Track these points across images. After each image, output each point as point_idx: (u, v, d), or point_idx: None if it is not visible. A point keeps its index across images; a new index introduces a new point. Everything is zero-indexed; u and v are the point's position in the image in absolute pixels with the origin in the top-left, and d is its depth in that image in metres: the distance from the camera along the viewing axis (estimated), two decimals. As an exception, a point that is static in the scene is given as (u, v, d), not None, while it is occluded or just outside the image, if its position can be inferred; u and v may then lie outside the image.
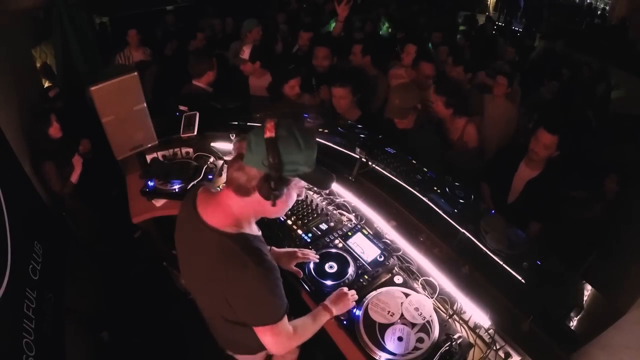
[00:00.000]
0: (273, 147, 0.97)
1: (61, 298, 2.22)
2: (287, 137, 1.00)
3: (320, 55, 3.19)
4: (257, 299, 1.10)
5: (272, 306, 1.13)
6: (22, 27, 3.48)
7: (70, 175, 2.73)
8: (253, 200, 1.07)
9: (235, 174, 1.06)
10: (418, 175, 1.99)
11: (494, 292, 1.49)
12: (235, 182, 1.06)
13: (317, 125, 2.51)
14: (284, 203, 1.11)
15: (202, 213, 1.13)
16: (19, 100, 2.81)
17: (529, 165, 2.38)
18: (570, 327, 1.37)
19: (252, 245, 1.11)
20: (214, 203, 1.14)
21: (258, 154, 0.99)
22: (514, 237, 1.63)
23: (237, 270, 1.07)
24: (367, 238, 1.84)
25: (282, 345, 1.23)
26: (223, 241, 1.09)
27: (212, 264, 1.12)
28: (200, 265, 1.18)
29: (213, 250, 1.10)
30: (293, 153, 1.01)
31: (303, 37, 3.67)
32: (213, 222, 1.11)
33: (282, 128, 1.00)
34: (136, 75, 2.17)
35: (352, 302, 1.52)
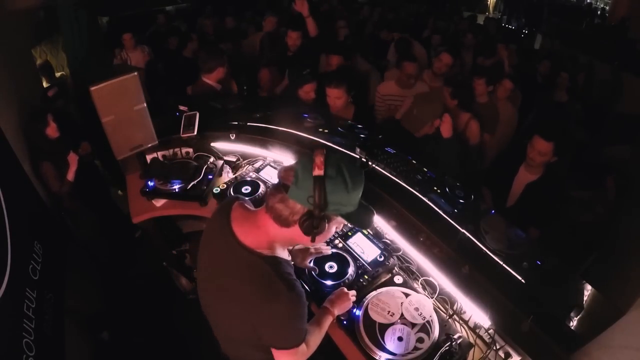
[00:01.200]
0: (320, 186, 0.95)
1: (61, 298, 2.22)
2: (335, 177, 0.97)
3: (333, 62, 3.20)
4: (285, 324, 1.09)
5: (297, 331, 1.12)
6: (22, 27, 3.47)
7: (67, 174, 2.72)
8: (293, 232, 1.05)
9: (278, 205, 1.03)
10: (418, 175, 1.99)
11: (494, 292, 1.49)
12: (276, 213, 1.04)
13: (317, 125, 2.51)
14: (323, 238, 1.10)
15: (237, 231, 1.11)
16: (19, 100, 2.81)
17: (528, 169, 2.37)
18: (570, 327, 1.37)
19: (285, 270, 1.09)
20: (250, 223, 1.12)
21: (304, 190, 0.97)
22: (514, 237, 1.63)
23: (269, 294, 1.05)
24: (367, 238, 1.84)
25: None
26: (257, 262, 1.07)
27: (243, 285, 1.09)
28: (227, 284, 1.14)
29: (245, 271, 1.08)
30: (339, 194, 0.98)
31: (292, 37, 3.67)
32: (247, 242, 1.09)
33: (331, 167, 0.97)
34: (136, 75, 2.17)
35: (352, 301, 1.52)
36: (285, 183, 1.02)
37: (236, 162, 2.49)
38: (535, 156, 2.23)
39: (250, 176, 2.32)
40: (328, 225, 1.04)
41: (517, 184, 2.42)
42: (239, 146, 2.53)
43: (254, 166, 2.42)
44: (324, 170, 0.95)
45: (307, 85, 2.80)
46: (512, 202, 2.45)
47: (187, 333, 2.55)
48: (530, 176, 2.37)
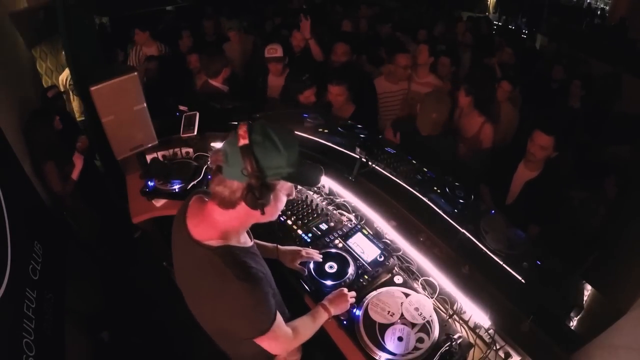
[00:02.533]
0: (249, 154, 0.92)
1: (61, 298, 2.22)
2: (262, 142, 0.94)
3: (340, 51, 3.27)
4: (245, 313, 1.06)
5: (262, 316, 1.09)
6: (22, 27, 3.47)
7: (71, 173, 2.73)
8: (240, 211, 1.03)
9: (217, 188, 1.01)
10: (418, 175, 1.99)
11: (494, 292, 1.49)
12: (219, 197, 1.02)
13: (316, 125, 2.51)
14: (274, 208, 1.07)
15: (190, 225, 1.10)
16: (19, 101, 2.81)
17: (527, 166, 2.37)
18: (570, 327, 1.37)
19: (236, 259, 1.06)
20: (201, 215, 1.10)
21: (235, 165, 0.94)
22: (514, 237, 1.63)
23: (221, 286, 1.04)
24: (367, 238, 1.84)
25: (283, 347, 1.24)
26: (206, 255, 1.05)
27: (200, 280, 1.10)
28: (189, 278, 1.16)
29: (199, 266, 1.07)
30: (272, 156, 0.95)
31: (297, 37, 3.66)
32: (197, 235, 1.08)
33: (255, 133, 0.94)
34: (136, 75, 2.17)
35: (350, 303, 1.52)
36: (218, 165, 0.99)
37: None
38: (536, 150, 2.22)
39: (250, 176, 2.32)
40: (274, 193, 1.02)
41: (516, 181, 2.43)
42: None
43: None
44: (248, 139, 0.93)
45: (307, 90, 2.81)
46: (511, 199, 2.45)
47: (187, 333, 2.55)
48: (530, 173, 2.37)
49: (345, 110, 2.86)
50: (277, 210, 1.10)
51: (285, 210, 2.06)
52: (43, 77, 4.13)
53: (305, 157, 1.05)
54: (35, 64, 3.90)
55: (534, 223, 2.37)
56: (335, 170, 2.20)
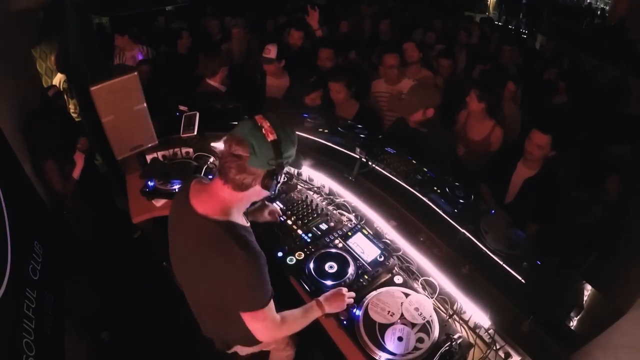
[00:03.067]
0: (277, 148, 1.11)
1: (61, 298, 2.22)
2: (285, 138, 1.13)
3: (323, 56, 3.23)
4: (242, 282, 1.15)
5: (257, 291, 1.18)
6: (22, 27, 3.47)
7: (72, 172, 2.72)
8: (250, 192, 1.18)
9: (239, 176, 1.13)
10: (418, 175, 1.99)
11: (494, 292, 1.49)
12: (237, 182, 1.14)
13: (317, 125, 2.51)
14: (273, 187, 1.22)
15: (194, 202, 1.21)
16: (19, 100, 2.81)
17: (526, 164, 2.39)
18: (570, 327, 1.37)
19: (239, 232, 1.18)
20: (206, 194, 1.21)
21: (264, 157, 1.10)
22: (514, 237, 1.63)
23: (223, 254, 1.14)
24: (367, 238, 1.84)
25: (270, 333, 1.29)
26: (211, 227, 1.16)
27: (201, 250, 1.19)
28: (189, 253, 1.24)
29: (202, 237, 1.17)
30: (290, 150, 1.17)
31: (294, 36, 3.65)
32: (203, 210, 1.18)
33: (278, 129, 1.12)
34: (136, 75, 2.17)
35: (346, 303, 1.53)
36: (239, 154, 1.11)
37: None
38: (533, 149, 2.25)
39: (250, 176, 2.32)
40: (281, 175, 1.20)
41: (515, 180, 2.44)
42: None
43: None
44: (276, 135, 1.11)
45: (314, 92, 2.80)
46: (510, 198, 2.47)
47: (187, 333, 2.55)
48: (528, 172, 2.38)
49: (348, 108, 2.86)
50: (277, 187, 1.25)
51: (285, 210, 2.06)
52: (43, 77, 4.13)
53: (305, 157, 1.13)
54: (35, 64, 3.90)
55: (532, 221, 2.38)
56: (335, 170, 2.20)
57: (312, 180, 2.32)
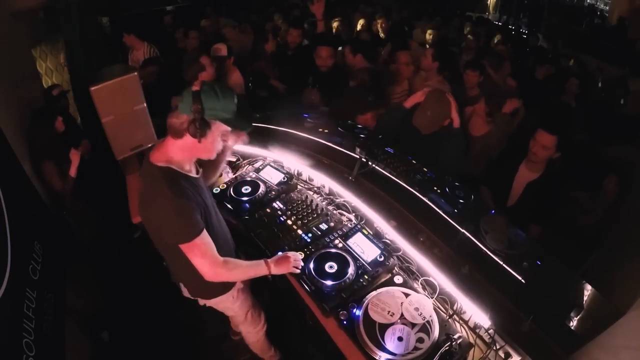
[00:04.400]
0: (196, 96, 1.28)
1: (61, 298, 2.22)
2: (208, 90, 1.30)
3: (323, 54, 3.16)
4: (168, 218, 1.35)
5: (181, 227, 1.36)
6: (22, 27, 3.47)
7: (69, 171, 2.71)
8: (185, 142, 1.36)
9: (171, 120, 1.34)
10: (418, 175, 1.99)
11: (494, 292, 1.49)
12: (172, 127, 1.35)
13: (317, 125, 2.51)
14: (211, 144, 1.40)
15: (150, 154, 1.43)
16: (18, 100, 2.81)
17: (529, 167, 2.36)
18: (570, 327, 1.37)
19: (173, 177, 1.38)
20: (159, 146, 1.43)
21: (187, 103, 1.29)
22: (514, 237, 1.63)
23: (154, 191, 1.37)
24: (367, 238, 1.84)
25: (212, 268, 1.45)
26: (153, 171, 1.38)
27: (147, 191, 1.42)
28: (142, 200, 1.45)
29: (148, 180, 1.41)
30: (212, 101, 1.30)
31: (292, 34, 3.63)
32: (152, 159, 1.41)
33: (205, 84, 1.31)
34: (136, 75, 2.17)
35: (292, 266, 1.64)
36: (176, 104, 1.32)
37: (236, 162, 2.50)
38: (538, 150, 2.22)
39: (250, 176, 2.32)
40: (211, 130, 1.34)
41: (517, 183, 2.41)
42: (239, 146, 2.52)
43: (254, 166, 2.42)
44: (199, 87, 1.29)
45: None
46: (512, 201, 2.44)
47: (187, 333, 2.55)
48: (531, 175, 2.36)
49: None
50: (213, 147, 1.42)
51: (285, 210, 2.06)
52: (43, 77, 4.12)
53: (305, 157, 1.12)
54: (35, 64, 3.90)
55: (535, 223, 2.36)
56: (335, 170, 2.20)
57: (312, 180, 2.32)
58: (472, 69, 3.33)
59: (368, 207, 1.94)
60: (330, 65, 3.18)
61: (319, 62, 3.18)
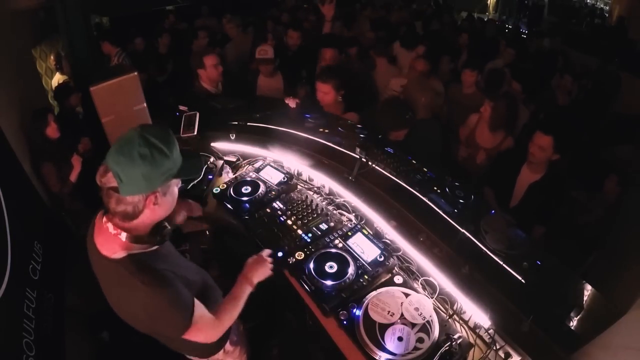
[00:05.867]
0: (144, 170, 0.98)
1: (61, 298, 2.22)
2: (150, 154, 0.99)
3: (327, 56, 3.16)
4: (158, 316, 1.12)
5: (174, 318, 1.14)
6: (22, 27, 3.47)
7: (69, 174, 2.72)
8: (142, 218, 1.09)
9: (119, 207, 1.04)
10: (418, 175, 1.99)
11: (494, 292, 1.49)
12: (121, 214, 1.06)
13: (317, 125, 2.51)
14: (170, 203, 1.15)
15: (97, 242, 1.14)
16: (19, 101, 2.81)
17: (531, 168, 2.37)
18: (570, 327, 1.37)
19: (141, 265, 1.10)
20: (104, 232, 1.13)
21: (133, 183, 1.00)
22: (514, 237, 1.63)
23: (130, 293, 1.10)
24: (367, 238, 1.84)
25: (211, 335, 1.29)
26: (112, 268, 1.10)
27: (113, 292, 1.17)
28: (108, 295, 1.20)
29: (109, 278, 1.14)
30: (163, 164, 1.02)
31: (292, 37, 3.62)
32: (104, 251, 1.12)
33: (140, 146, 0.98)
34: (136, 75, 2.17)
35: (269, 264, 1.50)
36: (111, 187, 1.02)
37: (236, 162, 2.49)
38: (535, 151, 2.24)
39: (250, 176, 2.32)
40: (169, 190, 1.11)
41: (519, 184, 2.42)
42: (239, 146, 2.53)
43: (254, 166, 2.42)
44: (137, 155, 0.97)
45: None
46: (515, 202, 2.44)
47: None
48: (533, 176, 2.36)
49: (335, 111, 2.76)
50: (173, 203, 1.16)
51: (285, 210, 2.06)
52: (43, 77, 4.13)
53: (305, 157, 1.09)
54: (35, 64, 3.90)
55: (538, 224, 2.37)
56: (335, 170, 2.20)
57: (312, 180, 2.32)
58: (471, 69, 3.35)
59: (368, 207, 1.94)
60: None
61: (323, 63, 3.17)
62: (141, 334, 1.29)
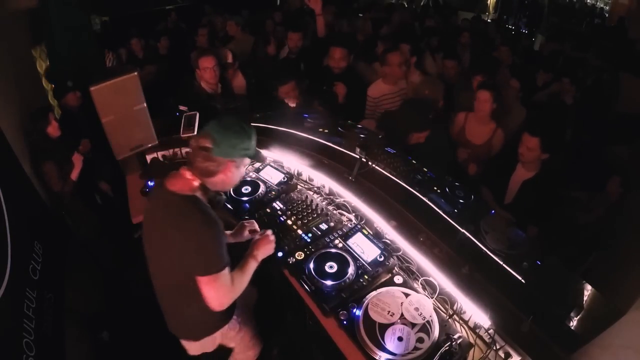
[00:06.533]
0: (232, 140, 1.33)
1: (61, 298, 2.22)
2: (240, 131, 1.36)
3: (336, 55, 3.07)
4: (199, 245, 1.31)
5: (212, 256, 1.33)
6: (22, 27, 3.47)
7: (70, 173, 2.72)
8: (214, 179, 1.37)
9: (204, 163, 1.33)
10: (418, 175, 1.99)
11: (494, 292, 1.49)
12: (204, 170, 1.34)
13: (316, 125, 2.51)
14: (238, 176, 1.45)
15: (168, 184, 1.39)
16: (19, 100, 2.81)
17: (524, 166, 2.41)
18: (570, 327, 1.37)
19: (201, 205, 1.36)
20: (178, 177, 1.40)
21: (224, 147, 1.32)
22: (514, 237, 1.63)
23: (187, 219, 1.31)
24: (367, 238, 1.84)
25: (222, 298, 1.40)
26: (177, 200, 1.35)
27: (167, 221, 1.36)
28: (162, 227, 1.38)
29: (169, 208, 1.36)
30: (245, 142, 1.37)
31: (293, 38, 3.58)
32: (174, 188, 1.37)
33: (236, 125, 1.36)
34: (136, 75, 2.17)
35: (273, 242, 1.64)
36: (202, 146, 1.32)
37: (236, 162, 2.49)
38: (524, 151, 2.31)
39: (250, 176, 2.32)
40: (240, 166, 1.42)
41: (513, 181, 2.46)
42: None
43: (253, 166, 2.42)
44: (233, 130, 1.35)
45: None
46: (509, 199, 2.48)
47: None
48: (527, 174, 2.41)
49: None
50: (238, 178, 1.46)
51: (285, 210, 2.06)
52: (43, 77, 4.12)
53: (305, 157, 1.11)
54: (35, 64, 3.90)
55: (531, 222, 2.38)
56: (335, 170, 2.20)
57: (312, 180, 2.32)
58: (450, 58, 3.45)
59: (368, 207, 1.94)
60: (343, 67, 3.10)
61: (332, 63, 3.08)
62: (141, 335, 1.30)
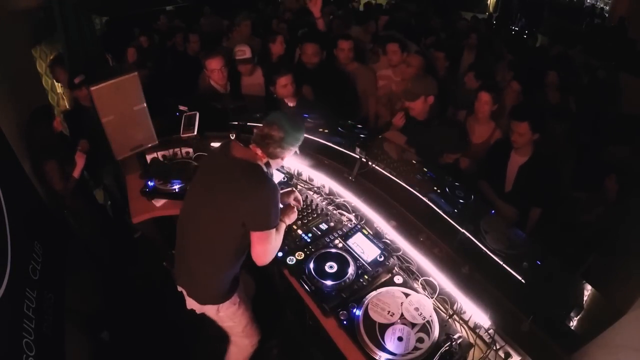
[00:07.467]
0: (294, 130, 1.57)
1: (61, 298, 2.22)
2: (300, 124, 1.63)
3: (309, 51, 3.08)
4: (263, 205, 1.48)
5: (271, 215, 1.51)
6: (22, 27, 3.47)
7: (72, 172, 2.72)
8: (277, 161, 1.62)
9: (271, 148, 1.54)
10: (418, 175, 1.99)
11: (494, 292, 1.49)
12: (272, 153, 1.56)
13: (317, 125, 2.51)
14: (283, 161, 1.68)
15: (234, 151, 1.56)
16: (19, 100, 2.81)
17: (518, 152, 2.47)
18: (570, 327, 1.37)
19: (266, 172, 1.55)
20: (245, 150, 1.57)
21: (290, 140, 1.55)
22: (514, 237, 1.63)
23: (255, 180, 1.49)
24: (367, 238, 1.84)
25: (266, 256, 1.56)
26: (247, 164, 1.53)
27: (234, 181, 1.51)
28: (222, 187, 1.53)
29: (236, 171, 1.51)
30: (300, 134, 1.61)
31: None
32: (240, 156, 1.55)
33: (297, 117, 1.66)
34: (136, 75, 2.17)
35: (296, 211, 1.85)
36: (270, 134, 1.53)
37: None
38: (517, 138, 2.37)
39: (250, 176, 2.32)
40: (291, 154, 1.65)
41: (510, 168, 2.51)
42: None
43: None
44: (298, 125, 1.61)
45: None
46: (509, 187, 2.52)
47: (187, 333, 2.55)
48: (521, 159, 2.46)
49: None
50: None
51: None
52: (43, 77, 4.12)
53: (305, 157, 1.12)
54: (35, 64, 3.90)
55: (533, 205, 2.45)
56: (335, 170, 2.20)
57: (312, 180, 2.32)
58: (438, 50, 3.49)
59: (368, 207, 1.94)
60: (315, 63, 3.10)
61: (305, 58, 3.13)
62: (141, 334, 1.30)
